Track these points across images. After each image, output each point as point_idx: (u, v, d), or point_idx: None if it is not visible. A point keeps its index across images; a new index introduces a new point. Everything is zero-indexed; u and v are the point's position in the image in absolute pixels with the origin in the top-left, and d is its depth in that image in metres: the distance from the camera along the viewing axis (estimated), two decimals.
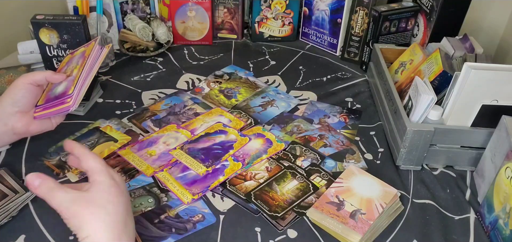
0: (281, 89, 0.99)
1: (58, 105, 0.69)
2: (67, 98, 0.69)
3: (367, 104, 0.96)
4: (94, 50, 0.73)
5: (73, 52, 0.79)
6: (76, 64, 0.74)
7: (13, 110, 0.69)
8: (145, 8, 1.13)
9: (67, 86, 0.71)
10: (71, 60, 0.76)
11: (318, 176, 0.74)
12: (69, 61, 0.77)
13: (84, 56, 0.74)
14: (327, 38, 1.16)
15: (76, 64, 0.74)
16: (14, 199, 0.65)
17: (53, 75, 0.72)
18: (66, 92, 0.70)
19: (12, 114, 0.69)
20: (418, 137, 0.74)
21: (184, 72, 1.04)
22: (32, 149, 0.77)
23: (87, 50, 0.75)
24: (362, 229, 0.62)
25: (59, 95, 0.70)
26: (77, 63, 0.74)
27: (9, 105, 0.68)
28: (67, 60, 0.78)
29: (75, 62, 0.75)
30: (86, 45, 0.77)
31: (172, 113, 0.89)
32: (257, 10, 1.16)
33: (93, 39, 0.77)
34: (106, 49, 0.74)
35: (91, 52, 0.73)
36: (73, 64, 0.75)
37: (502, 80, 0.69)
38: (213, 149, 0.78)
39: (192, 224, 0.65)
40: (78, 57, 0.75)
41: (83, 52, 0.75)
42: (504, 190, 0.63)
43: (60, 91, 0.71)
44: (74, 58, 0.76)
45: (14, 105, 0.69)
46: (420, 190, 0.74)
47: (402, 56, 0.95)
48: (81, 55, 0.75)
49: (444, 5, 0.96)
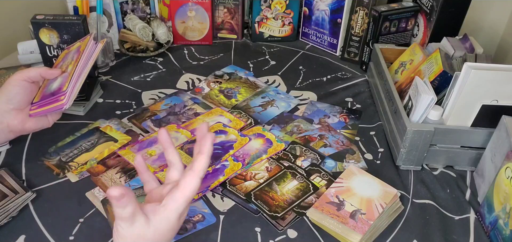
0: (281, 89, 0.99)
1: (52, 103, 0.69)
2: (61, 95, 0.68)
3: (367, 104, 0.96)
4: (89, 45, 0.72)
5: (69, 47, 0.78)
6: (71, 60, 0.73)
7: (7, 107, 0.68)
8: (145, 8, 1.13)
9: (61, 83, 0.70)
10: (67, 56, 0.76)
11: (318, 176, 0.74)
12: (65, 56, 0.76)
13: (79, 51, 0.73)
14: (327, 38, 1.16)
15: (71, 59, 0.73)
16: (14, 199, 0.65)
17: (47, 71, 0.71)
18: (61, 88, 0.69)
19: (7, 111, 0.68)
20: (418, 137, 0.74)
21: (184, 72, 1.04)
22: (32, 149, 0.77)
23: (82, 45, 0.74)
24: (362, 229, 0.62)
25: (54, 92, 0.69)
26: (72, 59, 0.73)
27: (3, 103, 0.68)
28: (63, 55, 0.77)
29: (70, 58, 0.74)
30: (81, 40, 0.76)
31: (172, 113, 0.89)
32: (257, 10, 1.16)
33: (88, 34, 0.76)
34: (101, 44, 0.73)
35: (86, 48, 0.72)
36: (68, 59, 0.74)
37: (502, 80, 0.69)
38: (213, 149, 0.78)
39: (192, 224, 0.65)
40: (74, 52, 0.75)
41: (78, 47, 0.75)
42: (504, 190, 0.63)
43: (55, 88, 0.70)
44: (70, 54, 0.75)
45: (8, 103, 0.68)
46: (420, 190, 0.74)
47: (402, 56, 0.95)
48: (76, 51, 0.74)
49: (444, 5, 0.96)
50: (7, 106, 0.68)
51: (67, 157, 0.76)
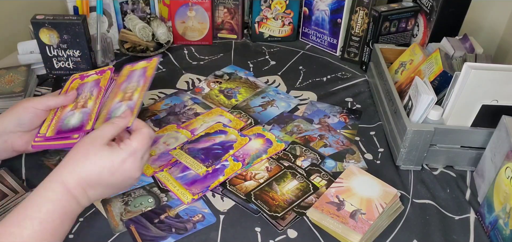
0: (281, 89, 0.99)
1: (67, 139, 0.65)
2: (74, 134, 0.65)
3: (367, 104, 0.96)
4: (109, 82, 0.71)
5: (82, 76, 0.74)
6: (90, 94, 0.70)
7: (16, 130, 0.66)
8: (145, 8, 1.13)
9: (83, 120, 0.66)
10: (83, 87, 0.72)
11: (318, 176, 0.74)
12: (81, 86, 0.72)
13: (99, 87, 0.71)
14: (327, 38, 1.16)
15: (90, 94, 0.70)
16: (14, 199, 0.65)
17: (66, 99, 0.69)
18: (83, 126, 0.65)
19: (14, 133, 0.66)
20: (418, 137, 0.74)
21: (184, 72, 1.04)
22: None
23: (102, 80, 0.72)
24: (362, 229, 0.62)
25: (74, 129, 0.65)
26: (92, 94, 0.70)
27: (13, 125, 0.66)
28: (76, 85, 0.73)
29: (88, 91, 0.71)
30: (100, 73, 0.73)
31: (172, 113, 0.89)
32: (257, 10, 1.16)
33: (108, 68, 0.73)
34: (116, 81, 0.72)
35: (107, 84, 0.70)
36: (86, 93, 0.71)
37: (502, 80, 0.69)
38: (213, 149, 0.78)
39: (192, 224, 0.65)
40: (92, 85, 0.71)
41: (98, 82, 0.72)
42: (504, 190, 0.63)
43: (74, 124, 0.66)
44: (87, 86, 0.72)
45: (18, 127, 0.66)
46: (420, 190, 0.74)
47: (402, 56, 0.95)
48: (95, 85, 0.71)
49: (444, 5, 0.96)
50: (16, 129, 0.66)
51: None
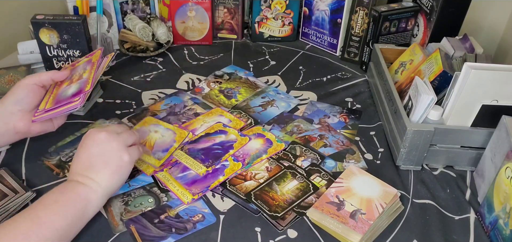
0: (281, 89, 0.99)
1: (65, 105, 0.69)
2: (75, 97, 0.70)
3: (367, 104, 0.96)
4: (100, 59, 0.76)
5: (74, 64, 0.79)
6: (83, 70, 0.75)
7: (15, 109, 0.69)
8: (145, 8, 1.13)
9: (81, 87, 0.71)
10: (75, 70, 0.77)
11: (318, 176, 0.74)
12: (73, 69, 0.77)
13: (92, 62, 0.75)
14: (327, 38, 1.16)
15: (84, 70, 0.75)
16: (14, 199, 0.65)
17: (58, 73, 0.73)
18: (81, 91, 0.70)
19: (14, 113, 0.69)
20: (418, 137, 0.74)
21: (184, 72, 1.04)
22: (32, 149, 0.77)
23: (93, 58, 0.77)
24: (362, 229, 0.62)
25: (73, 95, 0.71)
26: (84, 70, 0.75)
27: (11, 104, 0.69)
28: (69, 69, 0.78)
29: (82, 69, 0.75)
30: (89, 55, 0.79)
31: (172, 113, 0.89)
32: (257, 10, 1.16)
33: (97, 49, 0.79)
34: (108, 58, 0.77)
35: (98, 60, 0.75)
36: (79, 71, 0.76)
37: (502, 80, 0.69)
38: (213, 149, 0.78)
39: (192, 224, 0.65)
40: (85, 64, 0.76)
41: (89, 60, 0.77)
42: (504, 190, 0.63)
43: (72, 91, 0.71)
44: (79, 68, 0.77)
45: (16, 104, 0.69)
46: (420, 190, 0.74)
47: (402, 56, 0.95)
48: (88, 63, 0.76)
49: (444, 5, 0.96)
50: (15, 108, 0.69)
51: (67, 157, 0.76)
